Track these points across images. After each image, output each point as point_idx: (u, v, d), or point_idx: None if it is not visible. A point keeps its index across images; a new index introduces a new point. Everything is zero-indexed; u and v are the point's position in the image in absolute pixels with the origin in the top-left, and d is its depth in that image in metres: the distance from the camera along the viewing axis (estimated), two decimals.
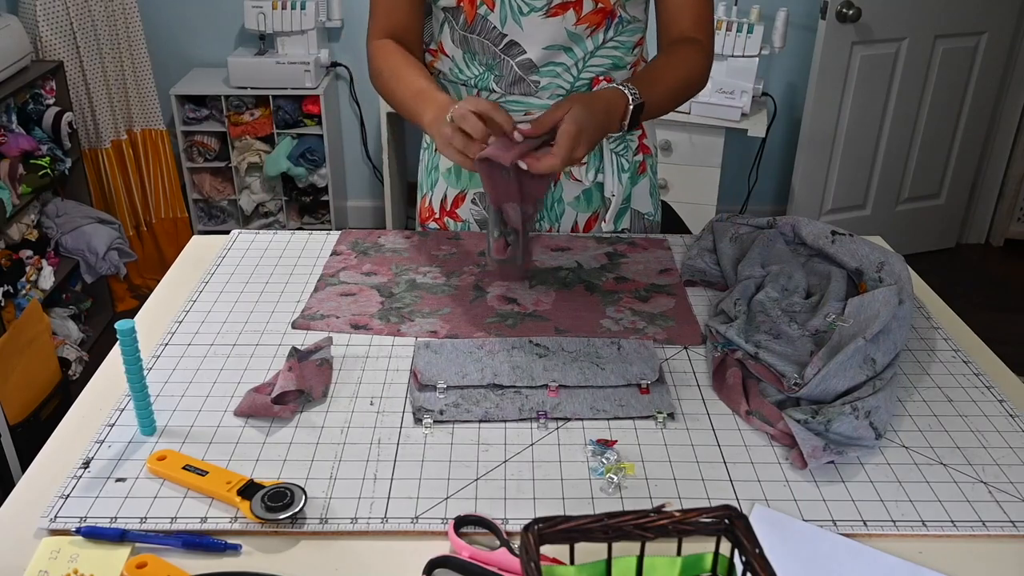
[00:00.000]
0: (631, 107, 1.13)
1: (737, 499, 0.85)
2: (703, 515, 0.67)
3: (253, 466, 0.88)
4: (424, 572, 0.75)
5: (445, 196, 1.39)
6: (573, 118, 1.04)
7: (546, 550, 0.70)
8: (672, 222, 1.98)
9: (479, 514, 0.81)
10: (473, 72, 1.27)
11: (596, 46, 1.24)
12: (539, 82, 1.25)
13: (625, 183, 1.34)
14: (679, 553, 0.69)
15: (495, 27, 1.22)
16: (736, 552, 0.66)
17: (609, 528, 0.66)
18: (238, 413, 0.95)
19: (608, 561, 0.68)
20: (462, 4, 1.21)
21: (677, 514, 0.66)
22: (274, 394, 0.95)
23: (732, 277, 1.19)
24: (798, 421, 0.90)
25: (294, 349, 1.03)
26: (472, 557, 0.77)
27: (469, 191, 1.36)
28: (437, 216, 1.41)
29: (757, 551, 0.63)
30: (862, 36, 3.01)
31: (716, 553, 0.69)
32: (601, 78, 1.26)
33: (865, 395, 0.93)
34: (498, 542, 0.79)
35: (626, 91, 1.13)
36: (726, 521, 0.67)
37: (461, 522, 0.80)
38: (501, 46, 1.23)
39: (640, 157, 1.37)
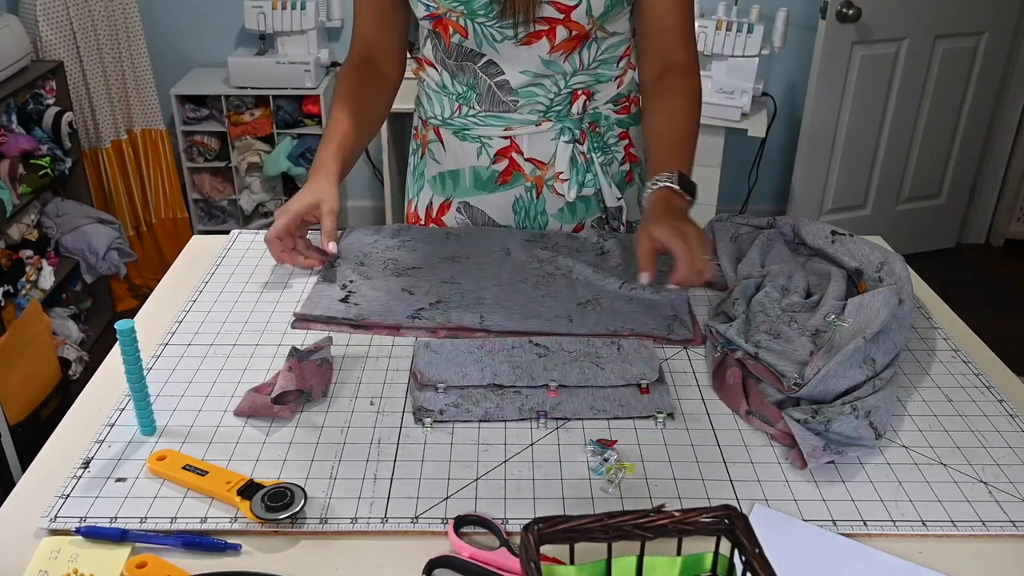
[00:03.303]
0: (676, 188, 1.15)
1: (737, 499, 0.85)
2: (703, 515, 0.67)
3: (253, 466, 0.88)
4: (424, 572, 0.75)
5: (431, 203, 1.39)
6: (662, 234, 1.08)
7: (546, 550, 0.70)
8: None
9: (479, 514, 0.81)
10: (457, 89, 1.28)
11: (575, 69, 1.24)
12: (517, 101, 1.26)
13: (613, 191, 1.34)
14: (679, 553, 0.69)
15: (472, 49, 1.22)
16: (736, 552, 0.66)
17: (609, 528, 0.66)
18: (238, 413, 0.95)
19: (608, 561, 0.68)
20: (439, 29, 1.22)
21: (677, 514, 0.66)
22: (274, 394, 0.95)
23: (732, 277, 1.19)
24: (798, 421, 0.90)
25: (294, 349, 1.03)
26: (472, 557, 0.77)
27: (454, 199, 1.36)
28: (422, 222, 1.41)
29: (757, 551, 0.63)
30: (862, 36, 3.02)
31: (716, 553, 0.69)
32: (580, 92, 1.26)
33: (865, 395, 0.93)
34: (498, 542, 0.79)
35: (663, 183, 1.15)
36: (726, 521, 0.67)
37: (461, 522, 0.80)
38: (480, 64, 1.23)
39: (627, 167, 1.36)
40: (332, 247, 1.20)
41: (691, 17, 1.26)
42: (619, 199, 1.33)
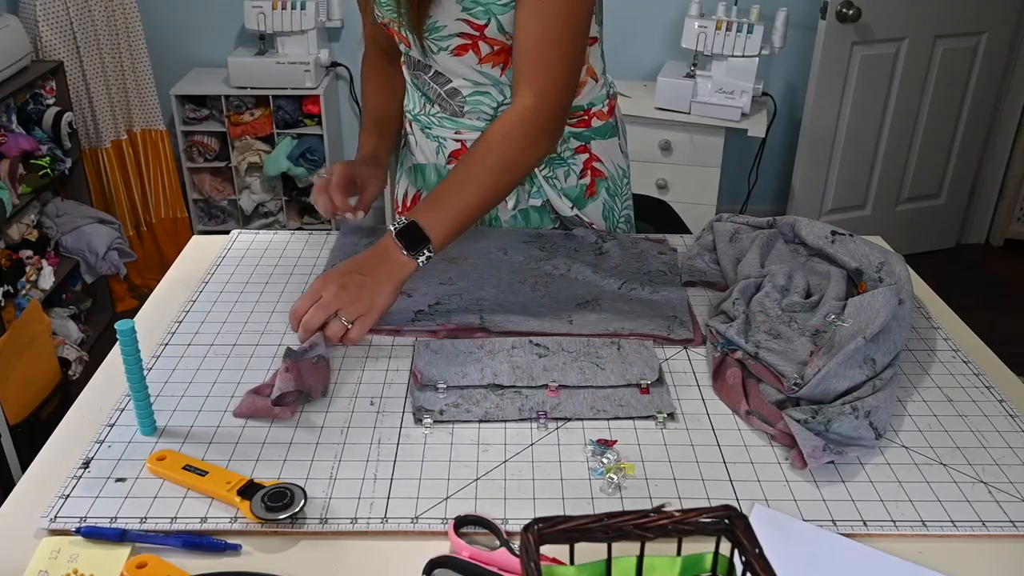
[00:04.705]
0: (393, 236, 1.06)
1: (737, 499, 0.85)
2: (703, 515, 0.67)
3: (253, 466, 0.88)
4: (424, 572, 0.75)
5: (407, 192, 1.43)
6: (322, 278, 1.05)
7: (546, 550, 0.70)
8: (672, 222, 1.98)
9: (479, 514, 0.81)
10: (420, 92, 1.31)
11: (511, 80, 1.21)
12: (464, 107, 1.26)
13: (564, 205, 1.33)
14: (679, 553, 0.69)
15: (419, 60, 1.25)
16: (736, 552, 0.66)
17: (609, 528, 0.66)
18: (237, 414, 0.95)
19: (608, 561, 0.68)
20: (395, 37, 1.26)
21: (677, 514, 0.66)
22: (273, 396, 0.95)
23: (732, 277, 1.19)
24: (798, 421, 0.90)
25: (289, 350, 1.03)
26: (472, 557, 0.77)
27: (424, 192, 1.39)
28: (400, 210, 1.46)
29: (757, 551, 0.63)
30: (862, 36, 3.02)
31: (716, 553, 0.69)
32: None
33: (865, 395, 0.93)
34: (498, 542, 0.79)
35: (389, 226, 1.08)
36: (726, 521, 0.67)
37: (461, 522, 0.80)
38: (430, 74, 1.26)
39: (587, 180, 1.33)
40: (356, 216, 1.30)
41: (551, 46, 1.11)
42: (572, 208, 1.32)
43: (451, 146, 1.31)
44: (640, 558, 0.68)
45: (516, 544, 0.78)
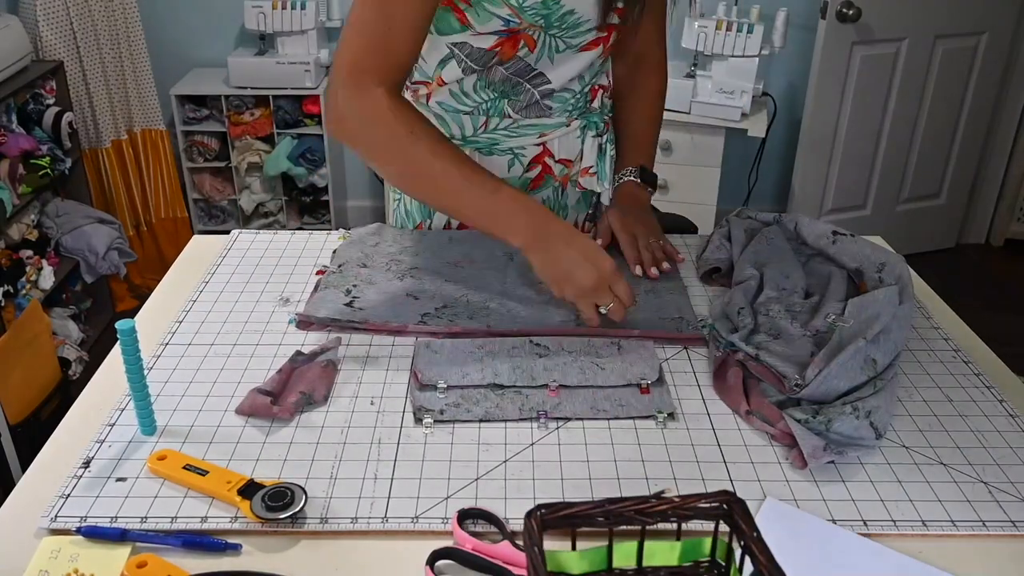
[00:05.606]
0: (638, 181, 1.32)
1: None
2: (702, 500, 0.67)
3: (253, 466, 0.88)
4: (427, 563, 0.75)
5: (449, 223, 1.35)
6: (615, 221, 1.27)
7: (547, 545, 0.71)
8: (677, 225, 1.97)
9: (482, 507, 0.81)
10: (483, 97, 1.22)
11: (599, 67, 1.27)
12: (551, 106, 1.25)
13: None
14: (679, 538, 0.69)
15: (527, 64, 1.19)
16: (734, 537, 0.67)
17: (610, 514, 0.66)
18: (239, 411, 0.95)
19: (609, 546, 0.69)
20: (497, 48, 1.16)
21: (676, 500, 0.67)
22: (281, 404, 0.95)
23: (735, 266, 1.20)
24: (798, 421, 0.90)
25: (299, 352, 1.03)
26: (475, 549, 0.77)
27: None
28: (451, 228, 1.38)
29: (754, 534, 0.64)
30: (862, 36, 3.02)
31: (715, 538, 0.70)
32: (599, 87, 1.29)
33: (866, 395, 0.93)
34: (501, 537, 0.79)
35: (627, 177, 1.33)
36: (724, 506, 0.67)
37: (464, 515, 0.80)
38: (528, 77, 1.20)
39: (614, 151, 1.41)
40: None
41: (664, 14, 1.35)
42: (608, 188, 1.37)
43: (531, 152, 1.27)
44: (640, 543, 0.69)
45: (519, 539, 0.78)
